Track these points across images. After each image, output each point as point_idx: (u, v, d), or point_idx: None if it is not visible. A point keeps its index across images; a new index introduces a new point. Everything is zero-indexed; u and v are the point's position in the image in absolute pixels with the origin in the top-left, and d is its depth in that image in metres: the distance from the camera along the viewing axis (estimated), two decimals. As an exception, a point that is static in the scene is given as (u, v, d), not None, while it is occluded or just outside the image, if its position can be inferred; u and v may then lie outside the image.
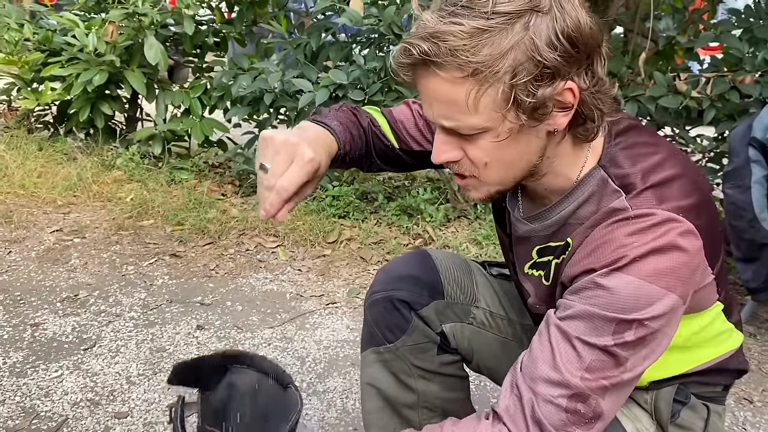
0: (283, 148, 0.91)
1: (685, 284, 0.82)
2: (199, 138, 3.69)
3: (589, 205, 0.89)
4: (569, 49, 0.78)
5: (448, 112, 0.82)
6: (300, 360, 2.03)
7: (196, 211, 3.10)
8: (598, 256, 0.82)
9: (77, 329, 2.14)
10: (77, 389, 1.82)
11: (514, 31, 0.77)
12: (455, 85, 0.79)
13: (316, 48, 3.35)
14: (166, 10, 3.72)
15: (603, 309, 0.80)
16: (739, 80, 2.57)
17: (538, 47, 0.77)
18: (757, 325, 2.32)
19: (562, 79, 0.79)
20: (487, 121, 0.81)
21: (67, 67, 3.61)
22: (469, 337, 1.22)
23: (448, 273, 1.21)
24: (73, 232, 2.93)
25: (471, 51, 0.76)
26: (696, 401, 1.04)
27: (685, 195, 0.84)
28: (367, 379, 1.24)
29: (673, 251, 0.80)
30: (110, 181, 3.46)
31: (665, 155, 0.89)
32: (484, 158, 0.86)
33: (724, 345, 1.02)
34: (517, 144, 0.84)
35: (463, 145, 0.86)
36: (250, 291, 2.49)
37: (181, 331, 2.16)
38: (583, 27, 0.79)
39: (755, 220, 2.09)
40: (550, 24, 0.77)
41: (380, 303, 1.19)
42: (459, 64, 0.77)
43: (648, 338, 0.81)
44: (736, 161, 2.14)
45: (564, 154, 0.89)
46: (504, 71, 0.77)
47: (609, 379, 0.81)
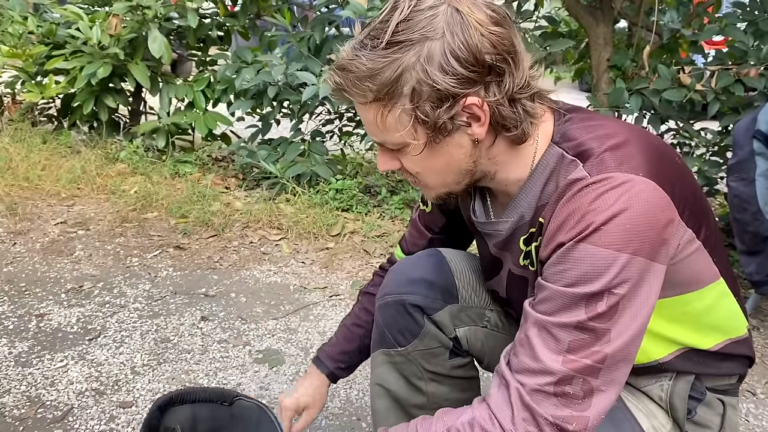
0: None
1: (653, 243, 0.82)
2: (203, 131, 3.69)
3: (551, 181, 0.92)
4: (461, 71, 0.83)
5: (371, 130, 0.92)
6: (304, 351, 2.03)
7: (200, 204, 3.11)
8: (566, 229, 0.83)
9: (82, 320, 2.15)
10: (82, 379, 1.83)
11: (406, 59, 0.83)
12: (366, 108, 0.89)
13: (319, 41, 3.35)
14: (169, 3, 3.72)
15: (570, 286, 0.81)
16: (743, 73, 2.56)
17: (429, 73, 0.83)
18: (760, 318, 2.32)
19: (461, 97, 0.85)
20: (399, 138, 0.89)
21: (71, 60, 3.61)
22: (482, 340, 1.21)
23: (462, 275, 1.19)
24: (78, 224, 2.93)
25: (370, 80, 0.85)
26: (711, 396, 1.03)
27: (641, 155, 0.86)
28: (377, 379, 1.24)
29: (634, 210, 0.80)
30: (114, 173, 3.47)
31: (616, 125, 0.92)
32: (415, 168, 0.94)
33: (735, 327, 1.02)
34: (439, 154, 0.91)
35: (398, 156, 0.94)
36: (254, 283, 2.49)
37: (185, 322, 2.17)
38: (477, 47, 0.83)
39: (759, 213, 2.08)
40: (441, 50, 0.83)
41: (392, 306, 1.17)
42: (362, 91, 0.86)
43: (622, 304, 0.81)
44: (741, 154, 2.13)
45: (504, 152, 0.93)
46: (402, 95, 0.85)
47: (593, 355, 0.81)
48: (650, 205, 0.81)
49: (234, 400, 1.36)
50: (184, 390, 1.37)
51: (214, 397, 1.37)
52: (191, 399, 1.37)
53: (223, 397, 1.37)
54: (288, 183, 3.25)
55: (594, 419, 0.82)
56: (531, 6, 3.34)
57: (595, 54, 3.05)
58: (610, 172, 0.83)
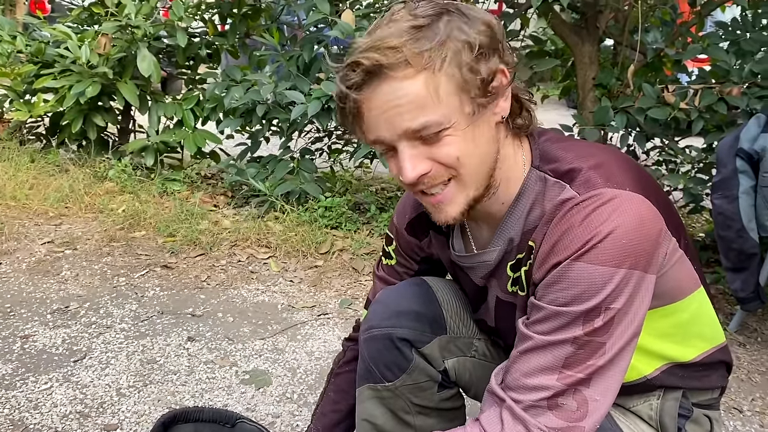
0: None
1: (647, 255, 0.83)
2: (192, 149, 3.70)
3: (537, 206, 0.92)
4: (489, 32, 0.86)
5: (412, 113, 0.84)
6: (291, 371, 2.02)
7: (188, 223, 3.10)
8: (560, 249, 0.84)
9: (67, 341, 2.13)
10: (66, 401, 1.81)
11: (440, 25, 0.84)
12: (412, 81, 0.83)
13: (308, 60, 3.37)
14: (159, 22, 3.74)
15: (567, 305, 0.82)
16: (726, 92, 2.60)
17: (465, 32, 0.84)
18: (746, 334, 2.33)
19: (493, 55, 0.86)
20: (449, 110, 0.84)
21: (60, 79, 3.62)
22: (470, 370, 1.19)
23: (449, 305, 1.17)
24: (65, 244, 2.92)
25: (414, 44, 0.82)
26: (698, 413, 1.04)
27: (622, 170, 0.87)
28: (363, 414, 1.20)
29: (628, 224, 0.81)
30: (102, 192, 3.46)
31: (588, 145, 0.94)
32: (455, 153, 0.87)
33: (716, 335, 1.03)
34: (478, 134, 0.88)
35: (430, 153, 0.87)
36: (241, 302, 2.49)
37: (172, 342, 2.16)
38: (488, 16, 0.88)
39: (743, 230, 2.11)
40: (463, 19, 0.86)
41: (379, 340, 1.13)
42: (408, 58, 0.82)
43: (617, 318, 0.82)
44: (724, 172, 2.16)
45: (509, 154, 0.94)
46: (448, 58, 0.83)
47: (587, 369, 0.82)
48: (642, 218, 0.82)
49: (236, 422, 1.37)
50: (188, 409, 1.38)
51: (217, 418, 1.38)
52: (195, 418, 1.38)
53: (226, 419, 1.38)
54: (277, 201, 3.25)
55: (590, 429, 0.83)
56: (517, 26, 3.38)
57: (580, 72, 3.08)
58: (598, 188, 0.84)
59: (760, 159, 2.09)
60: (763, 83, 2.58)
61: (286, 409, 1.83)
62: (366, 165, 4.00)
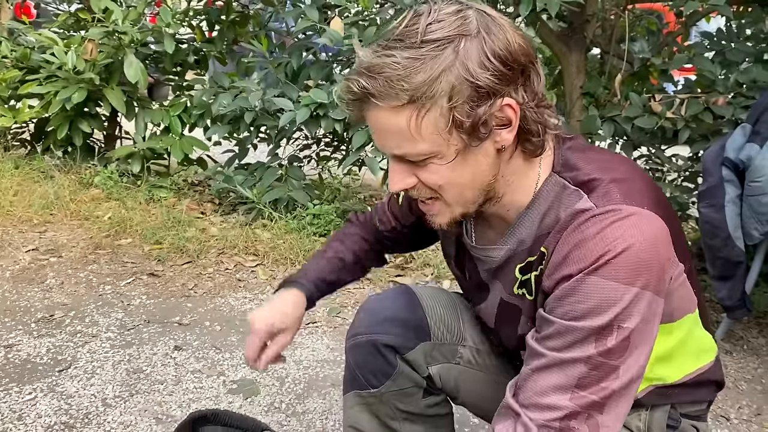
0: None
1: (658, 276, 0.82)
2: (179, 156, 3.67)
3: (552, 211, 0.91)
4: (501, 68, 0.82)
5: (395, 141, 0.85)
6: (279, 380, 2.01)
7: (175, 230, 3.08)
8: (572, 260, 0.83)
9: (52, 350, 2.10)
10: (51, 412, 1.78)
11: (444, 56, 0.80)
12: (396, 114, 0.82)
13: (297, 67, 3.37)
14: (146, 28, 3.72)
15: (578, 319, 0.81)
16: (712, 101, 2.62)
17: (470, 69, 0.80)
18: (732, 342, 2.35)
19: (498, 96, 0.82)
20: (433, 146, 0.84)
21: (46, 85, 3.58)
22: (455, 377, 1.19)
23: (433, 312, 1.17)
24: (49, 251, 2.89)
25: (405, 80, 0.80)
26: (686, 423, 1.04)
27: (643, 189, 0.86)
28: (350, 421, 1.21)
29: (643, 244, 0.80)
30: (88, 199, 3.42)
31: (611, 156, 0.92)
32: (438, 181, 0.88)
33: (706, 355, 1.03)
34: (467, 164, 0.86)
35: (415, 171, 0.89)
36: (229, 311, 2.47)
37: (158, 351, 2.14)
38: (512, 46, 0.83)
39: (729, 239, 2.12)
40: (479, 46, 0.81)
41: (363, 347, 1.14)
42: (396, 93, 0.81)
43: (631, 339, 0.81)
44: (710, 181, 2.18)
45: (516, 171, 0.91)
46: (440, 95, 0.81)
47: (601, 392, 0.81)
48: (657, 240, 0.82)
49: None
50: (218, 411, 1.40)
51: (244, 425, 1.40)
52: (224, 422, 1.40)
53: (253, 427, 1.40)
54: (265, 208, 3.23)
55: None
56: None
57: (567, 81, 3.10)
58: (617, 204, 0.83)
59: (745, 168, 2.11)
60: (748, 93, 2.61)
61: (275, 418, 1.82)
62: (354, 173, 3.99)
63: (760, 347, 2.33)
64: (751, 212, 2.11)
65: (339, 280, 1.30)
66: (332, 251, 1.30)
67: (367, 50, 0.84)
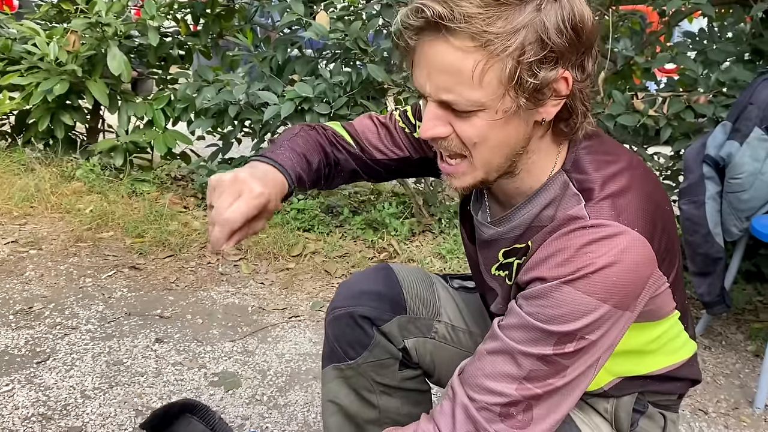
0: (231, 186, 0.93)
1: (631, 296, 0.83)
2: (162, 150, 3.64)
3: (550, 208, 0.91)
4: (573, 38, 0.80)
5: (450, 84, 0.81)
6: (261, 373, 2.00)
7: (157, 224, 3.05)
8: (551, 265, 0.83)
9: (30, 342, 2.08)
10: (29, 403, 1.76)
11: (526, 11, 0.78)
12: (464, 55, 0.78)
13: (281, 61, 3.35)
14: (130, 20, 3.68)
15: (546, 323, 0.82)
16: (693, 100, 2.65)
17: (548, 29, 0.78)
18: (711, 338, 2.38)
19: (560, 66, 0.81)
20: (487, 97, 0.81)
21: (27, 76, 3.54)
22: (431, 351, 1.22)
23: (410, 287, 1.20)
24: (29, 244, 2.85)
25: (486, 21, 0.76)
26: (653, 410, 1.06)
27: (640, 207, 0.86)
28: (329, 395, 1.23)
29: (623, 265, 0.81)
30: (69, 192, 3.39)
31: (624, 165, 0.90)
32: (474, 137, 0.85)
33: (679, 353, 1.04)
34: (508, 127, 0.84)
35: (454, 122, 0.85)
36: (211, 304, 2.45)
37: (139, 344, 2.12)
38: (586, 19, 0.81)
39: (709, 235, 2.14)
40: (559, 11, 0.79)
41: (342, 319, 1.17)
42: (473, 32, 0.77)
43: (588, 348, 0.83)
44: (691, 178, 2.20)
45: (541, 150, 0.90)
46: (514, 48, 0.78)
47: (546, 386, 0.83)
48: (637, 264, 0.82)
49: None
50: (210, 409, 1.42)
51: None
52: (210, 422, 1.41)
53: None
54: (248, 203, 3.21)
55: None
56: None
57: (552, 79, 3.11)
58: (608, 219, 0.83)
59: (725, 165, 2.13)
60: (728, 92, 2.63)
61: (256, 411, 1.81)
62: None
63: (738, 343, 2.35)
64: (730, 209, 2.14)
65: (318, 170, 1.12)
66: (305, 138, 1.12)
67: None
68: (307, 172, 1.07)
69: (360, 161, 1.17)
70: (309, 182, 1.08)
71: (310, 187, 1.12)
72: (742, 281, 2.67)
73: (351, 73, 3.08)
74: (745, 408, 1.97)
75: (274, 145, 1.08)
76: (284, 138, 1.10)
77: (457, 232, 3.07)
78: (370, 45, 3.01)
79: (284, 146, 1.07)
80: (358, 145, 1.16)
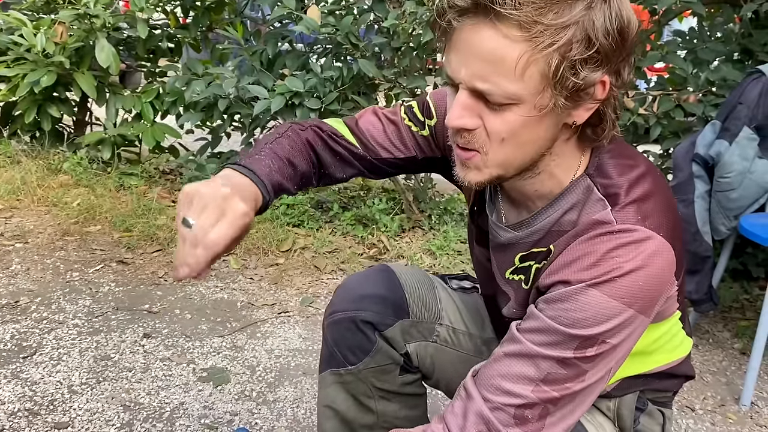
0: (212, 201, 0.85)
1: (653, 302, 0.84)
2: (150, 143, 3.61)
3: (572, 213, 0.89)
4: (618, 41, 0.78)
5: (489, 73, 0.78)
6: (250, 369, 1.99)
7: (145, 218, 3.03)
8: (577, 268, 0.83)
9: (16, 336, 2.06)
10: (15, 399, 1.74)
11: (578, 8, 0.76)
12: (510, 43, 0.76)
13: (272, 55, 3.33)
14: (119, 12, 3.65)
15: (569, 326, 0.81)
16: (683, 99, 2.66)
17: (597, 29, 0.76)
18: (698, 335, 2.39)
19: (602, 69, 0.79)
20: (526, 91, 0.78)
21: (14, 68, 3.49)
22: (432, 355, 1.20)
23: (412, 290, 1.17)
24: (15, 237, 2.82)
25: (538, 11, 0.74)
26: (653, 407, 1.07)
27: (663, 212, 0.86)
28: (326, 401, 1.20)
29: (650, 270, 0.81)
30: (56, 185, 3.35)
31: (645, 169, 0.90)
32: (503, 133, 0.82)
33: (678, 350, 1.05)
34: (539, 127, 0.82)
35: (484, 115, 0.82)
36: (199, 299, 2.44)
37: (127, 339, 2.10)
38: (633, 25, 0.80)
39: (698, 233, 2.16)
40: (607, 12, 0.77)
41: (342, 323, 1.13)
42: (523, 20, 0.74)
43: (608, 352, 0.83)
44: (680, 176, 2.21)
45: (565, 154, 0.89)
46: (562, 43, 0.76)
47: (563, 390, 0.82)
48: (663, 269, 0.82)
49: None
50: None
51: None
52: None
53: None
54: (237, 198, 3.19)
55: None
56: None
57: (543, 76, 3.12)
58: (635, 224, 0.83)
59: (714, 164, 2.15)
60: (718, 91, 2.65)
61: (245, 407, 1.80)
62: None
63: (724, 340, 2.37)
64: (719, 208, 2.15)
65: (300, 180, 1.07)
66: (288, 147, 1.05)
67: None
68: (290, 177, 1.01)
69: (364, 161, 1.12)
70: (294, 187, 1.03)
71: (296, 192, 1.07)
72: (729, 279, 2.69)
73: (342, 68, 3.07)
74: (731, 405, 1.99)
75: (254, 148, 1.01)
76: (267, 140, 1.04)
77: (447, 228, 3.07)
78: (362, 40, 2.99)
79: (265, 150, 1.00)
80: (362, 143, 1.11)
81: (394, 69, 3.07)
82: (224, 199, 0.86)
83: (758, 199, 2.14)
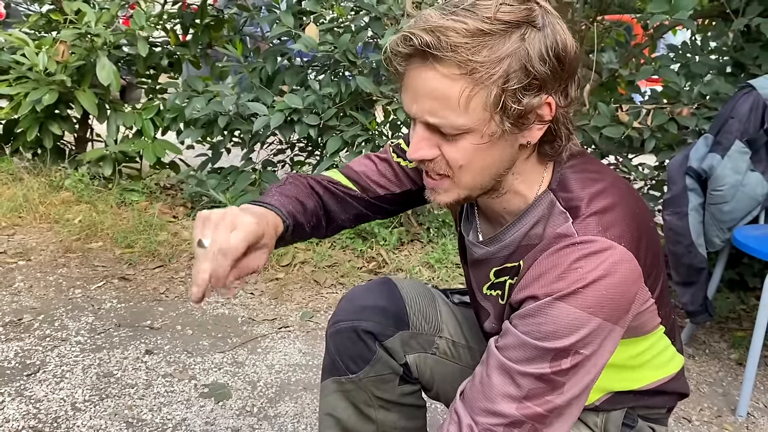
0: (223, 220, 0.90)
1: (622, 310, 0.86)
2: (151, 159, 3.65)
3: (538, 227, 0.93)
4: (556, 66, 0.84)
5: (437, 109, 0.84)
6: (251, 384, 2.01)
7: (147, 234, 3.06)
8: (544, 282, 0.86)
9: (20, 354, 2.08)
10: (19, 416, 1.77)
11: (511, 40, 0.81)
12: (451, 82, 0.82)
13: (271, 72, 3.38)
14: (119, 30, 3.69)
15: (541, 340, 0.84)
16: (677, 112, 2.70)
17: (531, 58, 0.82)
18: (695, 346, 2.42)
19: (544, 92, 0.84)
20: (473, 122, 0.84)
21: (15, 86, 3.53)
22: (431, 367, 1.23)
23: (413, 303, 1.21)
24: (18, 255, 2.85)
25: (471, 50, 0.80)
26: (643, 424, 1.08)
27: (625, 222, 0.88)
28: (327, 409, 1.23)
29: (613, 278, 0.84)
30: (58, 202, 3.39)
31: (608, 183, 0.93)
32: (460, 160, 0.88)
33: (667, 367, 1.07)
34: (493, 151, 0.88)
35: (441, 145, 0.88)
36: (200, 315, 2.46)
37: (129, 355, 2.13)
38: (569, 48, 0.85)
39: (692, 245, 2.19)
40: (542, 40, 0.83)
41: (344, 332, 1.17)
42: (459, 61, 0.80)
43: (583, 363, 0.85)
44: (674, 189, 2.24)
45: (526, 171, 0.94)
46: (498, 76, 0.81)
47: (545, 404, 0.85)
48: (625, 277, 0.85)
49: None
50: None
51: None
52: None
53: None
54: (238, 213, 3.22)
55: None
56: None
57: (539, 90, 3.15)
58: (596, 235, 0.85)
59: (707, 177, 2.18)
60: (711, 104, 2.69)
61: (246, 422, 1.83)
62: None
63: (721, 351, 2.39)
64: (712, 220, 2.18)
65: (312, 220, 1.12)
66: (298, 188, 1.11)
67: (434, 10, 0.83)
68: (302, 213, 1.06)
69: (363, 201, 1.17)
70: (308, 225, 1.08)
71: (311, 232, 1.11)
72: (725, 290, 2.72)
73: (340, 85, 3.11)
74: (728, 416, 2.00)
75: (262, 195, 1.07)
76: (273, 187, 1.10)
77: (445, 241, 3.10)
78: (359, 57, 3.04)
79: (272, 192, 1.07)
80: (358, 186, 1.17)
81: (391, 85, 3.11)
82: (234, 216, 0.91)
83: (751, 212, 2.17)
